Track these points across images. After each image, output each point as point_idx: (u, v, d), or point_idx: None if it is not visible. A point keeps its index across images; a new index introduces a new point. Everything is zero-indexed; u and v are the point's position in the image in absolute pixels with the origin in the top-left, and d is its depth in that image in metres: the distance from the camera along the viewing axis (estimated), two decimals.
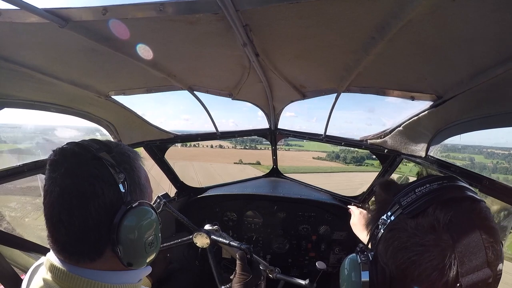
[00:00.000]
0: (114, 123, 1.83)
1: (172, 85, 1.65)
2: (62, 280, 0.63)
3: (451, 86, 1.05)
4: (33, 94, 1.31)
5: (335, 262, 2.37)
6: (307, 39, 1.03)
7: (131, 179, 0.68)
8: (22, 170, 1.29)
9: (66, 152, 0.64)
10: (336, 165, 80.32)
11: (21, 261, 1.24)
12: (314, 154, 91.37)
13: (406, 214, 0.58)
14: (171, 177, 2.49)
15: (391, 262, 0.58)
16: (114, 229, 0.62)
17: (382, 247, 0.61)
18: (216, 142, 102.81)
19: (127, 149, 0.74)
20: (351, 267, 0.65)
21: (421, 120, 1.34)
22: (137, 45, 1.11)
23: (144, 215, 0.67)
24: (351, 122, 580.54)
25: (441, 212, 0.54)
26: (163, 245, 1.55)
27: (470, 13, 0.69)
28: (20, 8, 0.76)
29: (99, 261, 0.65)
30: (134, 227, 0.64)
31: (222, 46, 1.14)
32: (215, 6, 0.80)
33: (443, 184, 0.58)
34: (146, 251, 0.68)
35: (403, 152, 1.76)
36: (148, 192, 0.75)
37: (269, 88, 1.76)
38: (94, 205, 0.61)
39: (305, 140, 2.54)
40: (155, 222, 0.71)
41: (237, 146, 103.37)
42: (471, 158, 47.55)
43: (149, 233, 0.68)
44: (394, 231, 0.59)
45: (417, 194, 0.59)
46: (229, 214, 2.47)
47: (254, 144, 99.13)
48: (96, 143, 0.68)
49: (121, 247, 0.63)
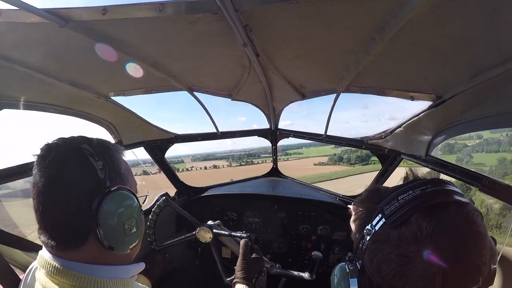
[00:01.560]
0: (114, 123, 1.83)
1: (172, 85, 1.65)
2: (54, 275, 0.65)
3: (451, 86, 1.05)
4: (33, 95, 1.31)
5: (335, 262, 2.37)
6: (307, 39, 1.03)
7: (110, 167, 0.71)
8: (23, 170, 1.29)
9: (51, 146, 0.67)
10: (340, 168, 74.49)
11: (20, 261, 1.23)
12: (315, 160, 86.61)
13: (389, 224, 0.56)
14: (171, 177, 2.49)
15: (376, 274, 0.57)
16: (94, 212, 0.64)
17: (367, 258, 0.60)
18: (210, 163, 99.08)
19: (108, 142, 0.78)
20: (340, 276, 0.65)
21: (421, 120, 1.34)
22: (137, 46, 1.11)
23: (123, 199, 0.69)
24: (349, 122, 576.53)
25: (424, 221, 0.52)
26: (166, 243, 1.56)
27: (470, 13, 0.69)
28: (20, 8, 0.76)
29: (84, 248, 0.66)
30: (112, 210, 0.66)
31: (222, 46, 1.14)
32: (214, 6, 0.80)
33: (427, 189, 0.56)
34: (126, 234, 0.69)
35: (403, 152, 1.76)
36: (130, 182, 0.77)
37: (269, 88, 1.76)
38: (75, 191, 0.65)
39: (304, 147, 2.54)
40: (136, 208, 0.73)
41: (233, 163, 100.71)
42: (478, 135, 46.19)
43: (128, 216, 0.70)
44: (377, 243, 0.58)
45: (400, 202, 0.56)
46: (229, 214, 2.47)
47: (251, 159, 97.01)
48: (80, 138, 0.72)
49: (101, 230, 0.65)
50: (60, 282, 0.64)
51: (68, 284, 0.64)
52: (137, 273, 0.79)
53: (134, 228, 0.72)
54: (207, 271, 2.41)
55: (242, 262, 1.20)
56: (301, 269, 1.64)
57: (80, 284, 0.64)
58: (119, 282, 0.70)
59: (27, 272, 0.77)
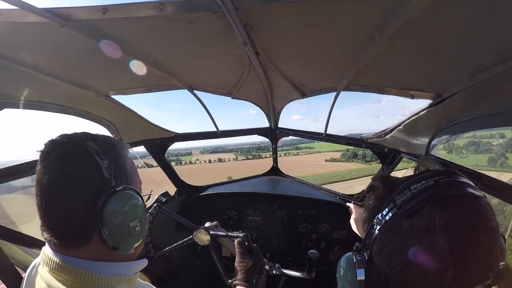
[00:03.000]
0: (115, 122, 1.84)
1: (172, 84, 1.65)
2: (57, 272, 0.64)
3: (451, 84, 1.05)
4: (33, 95, 1.31)
5: (335, 260, 2.38)
6: (307, 38, 1.03)
7: (116, 166, 0.70)
8: (24, 168, 1.29)
9: (55, 143, 0.67)
10: (355, 166, 63.82)
11: (22, 259, 1.24)
12: (326, 156, 77.98)
13: (401, 214, 0.54)
14: (171, 175, 2.50)
15: (385, 265, 0.56)
16: (99, 211, 0.64)
17: (376, 248, 0.58)
18: (217, 155, 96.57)
19: (114, 140, 0.77)
20: (347, 266, 0.64)
21: (420, 118, 1.34)
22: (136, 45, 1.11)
23: (128, 199, 0.69)
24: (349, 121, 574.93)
25: (437, 213, 0.51)
26: (164, 250, 1.57)
27: (469, 11, 0.69)
28: (20, 8, 0.76)
29: (88, 247, 0.66)
30: (117, 210, 0.66)
31: (222, 45, 1.14)
32: (214, 4, 0.80)
33: (440, 180, 0.55)
34: (130, 234, 0.69)
35: (403, 151, 1.76)
36: (135, 181, 0.77)
37: (269, 87, 1.76)
38: (80, 189, 0.64)
39: (316, 141, 2.52)
40: (140, 207, 0.72)
41: (240, 157, 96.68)
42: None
43: (133, 216, 0.69)
44: (388, 232, 0.56)
45: (413, 192, 0.55)
46: (229, 212, 2.48)
47: (259, 152, 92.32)
48: (84, 134, 0.71)
49: (105, 230, 0.65)
50: (63, 279, 0.64)
51: (71, 281, 0.64)
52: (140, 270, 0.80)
53: (139, 227, 0.71)
54: (207, 269, 2.41)
55: (240, 263, 1.17)
56: (302, 268, 1.65)
57: (83, 281, 0.64)
58: (122, 279, 0.69)
59: (30, 269, 0.76)
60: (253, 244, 1.28)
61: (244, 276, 1.13)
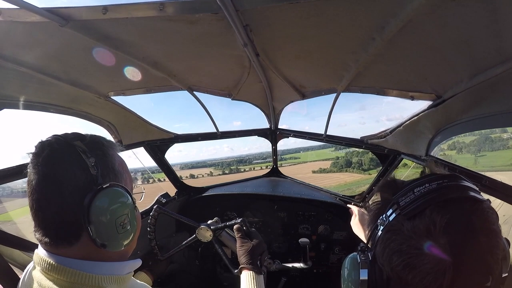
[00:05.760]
0: (115, 123, 1.83)
1: (172, 85, 1.65)
2: (48, 272, 0.65)
3: (451, 85, 1.05)
4: (33, 95, 1.31)
5: (335, 262, 2.37)
6: (307, 39, 1.03)
7: (103, 164, 0.71)
8: (22, 169, 1.28)
9: (44, 144, 0.68)
10: (350, 177, 52.54)
11: (20, 260, 1.23)
12: (314, 166, 68.03)
13: (404, 215, 0.56)
14: (171, 177, 2.49)
15: (387, 264, 0.57)
16: (85, 209, 0.64)
17: (379, 248, 0.60)
18: (195, 171, 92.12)
19: (101, 138, 0.77)
20: (351, 266, 0.65)
21: (421, 120, 1.34)
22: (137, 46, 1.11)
23: (115, 196, 0.69)
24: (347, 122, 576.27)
25: (438, 215, 0.52)
26: (171, 252, 1.57)
27: (470, 13, 0.69)
28: (20, 7, 0.76)
29: (78, 245, 0.66)
30: (104, 207, 0.66)
31: (222, 46, 1.14)
32: (215, 6, 0.80)
33: (443, 183, 0.56)
34: (118, 232, 0.69)
35: (404, 152, 1.76)
36: (124, 178, 0.77)
37: (269, 88, 1.76)
38: (68, 188, 0.65)
39: (302, 151, 2.51)
40: (128, 204, 0.72)
41: (214, 172, 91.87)
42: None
43: (120, 213, 0.69)
44: (390, 233, 0.58)
45: (416, 194, 0.57)
46: (229, 214, 2.47)
47: (242, 165, 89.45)
48: (73, 134, 0.72)
49: (92, 227, 0.65)
50: (54, 278, 0.64)
51: (62, 280, 0.64)
52: (134, 270, 0.79)
53: (128, 225, 0.71)
54: (207, 271, 2.41)
55: (241, 247, 1.20)
56: (301, 268, 1.66)
57: (74, 280, 0.64)
58: (114, 278, 0.69)
59: (25, 271, 0.76)
60: (252, 229, 1.32)
61: (248, 258, 1.17)
